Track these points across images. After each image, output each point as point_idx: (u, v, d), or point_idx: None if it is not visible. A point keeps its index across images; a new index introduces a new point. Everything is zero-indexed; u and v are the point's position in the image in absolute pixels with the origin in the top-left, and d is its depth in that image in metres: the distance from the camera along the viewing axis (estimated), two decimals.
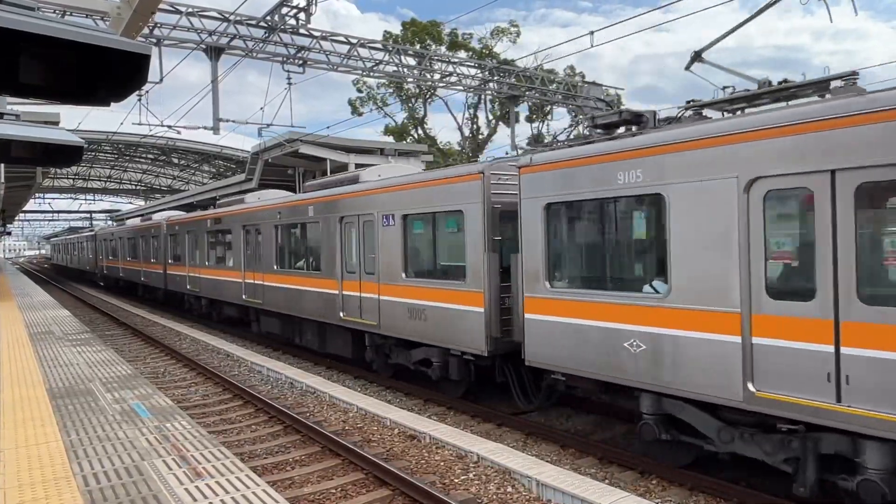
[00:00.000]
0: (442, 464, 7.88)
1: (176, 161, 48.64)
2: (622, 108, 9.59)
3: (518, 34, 42.52)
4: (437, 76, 25.17)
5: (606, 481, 7.32)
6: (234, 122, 20.42)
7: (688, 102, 7.64)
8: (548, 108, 41.12)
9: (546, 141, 12.10)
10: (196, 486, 5.21)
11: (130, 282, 32.32)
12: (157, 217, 28.81)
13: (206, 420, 10.39)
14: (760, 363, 6.18)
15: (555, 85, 29.10)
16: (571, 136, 9.86)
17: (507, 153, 30.40)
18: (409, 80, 27.56)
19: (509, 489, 7.01)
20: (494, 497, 6.87)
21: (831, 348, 5.69)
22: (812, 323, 5.82)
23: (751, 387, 6.24)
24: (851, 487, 5.78)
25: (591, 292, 7.98)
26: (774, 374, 6.09)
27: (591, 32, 17.39)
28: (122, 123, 22.51)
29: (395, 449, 8.55)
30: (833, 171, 5.62)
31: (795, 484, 6.19)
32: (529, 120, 43.00)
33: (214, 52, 18.38)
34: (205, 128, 19.96)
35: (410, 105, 44.06)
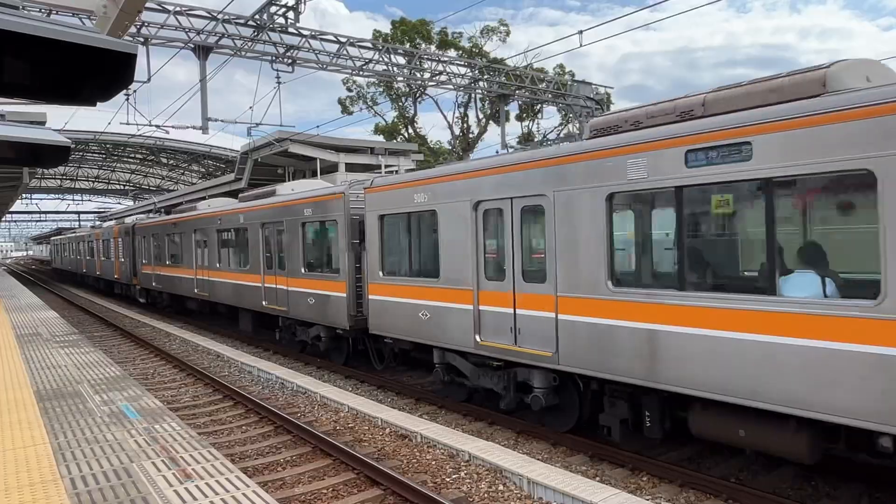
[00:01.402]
0: (433, 463, 7.88)
1: (165, 161, 48.31)
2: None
3: (508, 33, 42.51)
4: (426, 75, 25.14)
5: (597, 478, 7.35)
6: (222, 121, 20.31)
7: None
8: (538, 107, 41.19)
9: (536, 139, 12.77)
10: (185, 488, 5.18)
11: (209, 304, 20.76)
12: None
13: (196, 421, 10.33)
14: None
15: (544, 84, 29.14)
16: (562, 135, 10.38)
17: (497, 152, 30.43)
18: (399, 79, 27.51)
19: (500, 487, 7.02)
20: (486, 495, 6.88)
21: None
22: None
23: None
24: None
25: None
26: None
27: (580, 32, 17.48)
28: (109, 123, 22.36)
29: (386, 448, 8.54)
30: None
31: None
32: (519, 119, 43.05)
33: (203, 52, 18.26)
34: (193, 127, 19.82)
35: (400, 104, 43.99)
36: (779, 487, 6.98)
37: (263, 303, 16.26)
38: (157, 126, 20.85)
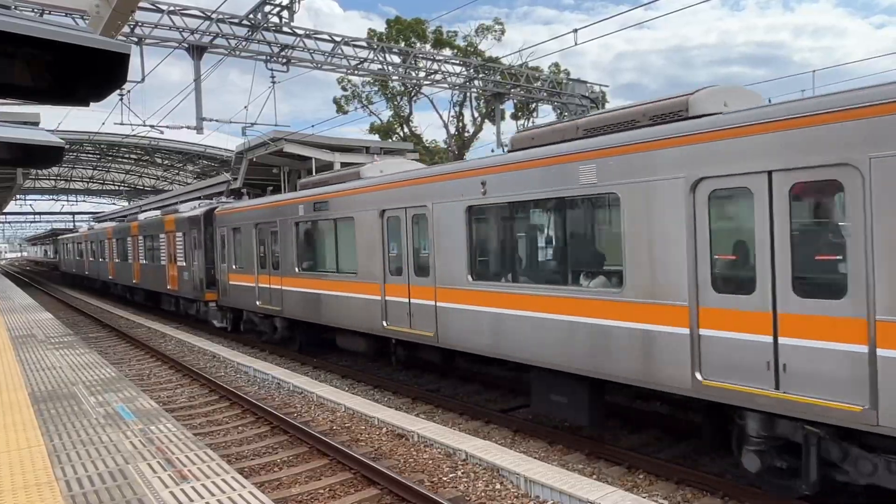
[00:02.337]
0: (430, 462, 7.88)
1: (159, 161, 48.17)
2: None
3: (503, 32, 42.54)
4: (422, 74, 25.12)
5: (594, 476, 7.36)
6: (217, 121, 20.24)
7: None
8: (533, 106, 41.20)
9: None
10: (181, 489, 5.17)
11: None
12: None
13: (193, 422, 10.30)
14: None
15: (539, 82, 29.14)
16: None
17: (492, 150, 30.42)
18: (394, 77, 27.48)
19: (498, 486, 7.02)
20: (483, 494, 6.88)
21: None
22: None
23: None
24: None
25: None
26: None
27: (575, 30, 17.47)
28: (103, 123, 22.28)
29: (383, 448, 8.54)
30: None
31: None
32: (515, 117, 43.04)
33: (197, 51, 18.20)
34: (188, 127, 19.77)
35: (396, 103, 43.94)
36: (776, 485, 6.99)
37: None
38: (152, 126, 20.79)
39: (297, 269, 14.32)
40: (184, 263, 20.66)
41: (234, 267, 17.38)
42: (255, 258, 16.22)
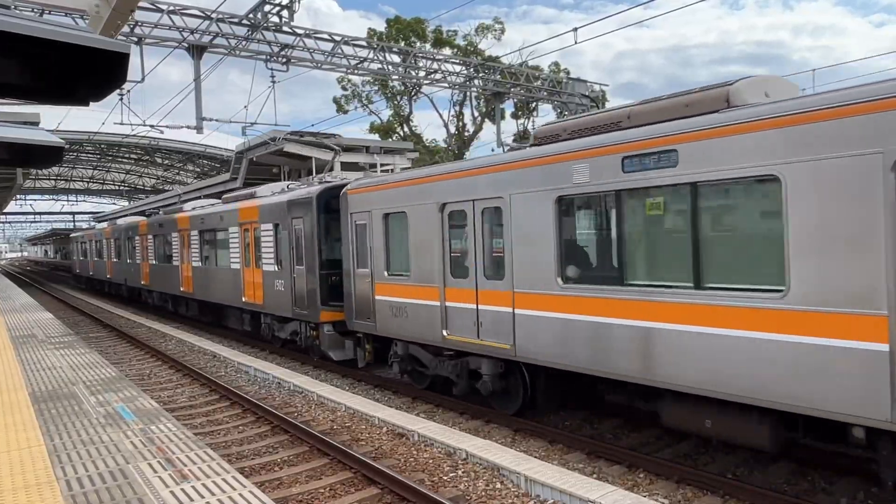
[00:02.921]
0: (430, 462, 7.88)
1: (160, 161, 48.18)
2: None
3: (503, 31, 42.57)
4: (422, 73, 25.11)
5: (594, 476, 7.36)
6: (217, 120, 20.26)
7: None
8: (533, 105, 41.19)
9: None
10: (182, 489, 5.16)
11: None
12: None
13: (193, 422, 10.31)
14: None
15: (539, 81, 29.13)
16: None
17: (493, 150, 30.41)
18: (394, 77, 27.47)
19: (498, 486, 7.02)
20: (483, 494, 6.88)
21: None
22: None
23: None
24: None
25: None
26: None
27: (575, 29, 17.49)
28: (103, 123, 22.32)
29: (383, 447, 8.54)
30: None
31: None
32: (515, 116, 43.06)
33: (197, 51, 18.21)
34: (188, 127, 19.80)
35: (396, 102, 43.94)
36: (775, 483, 7.00)
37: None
38: (152, 126, 20.81)
39: (565, 281, 8.19)
40: (274, 267, 14.97)
41: (384, 274, 11.36)
42: (443, 259, 10.06)
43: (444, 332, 10.03)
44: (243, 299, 16.76)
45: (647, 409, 8.34)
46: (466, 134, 43.79)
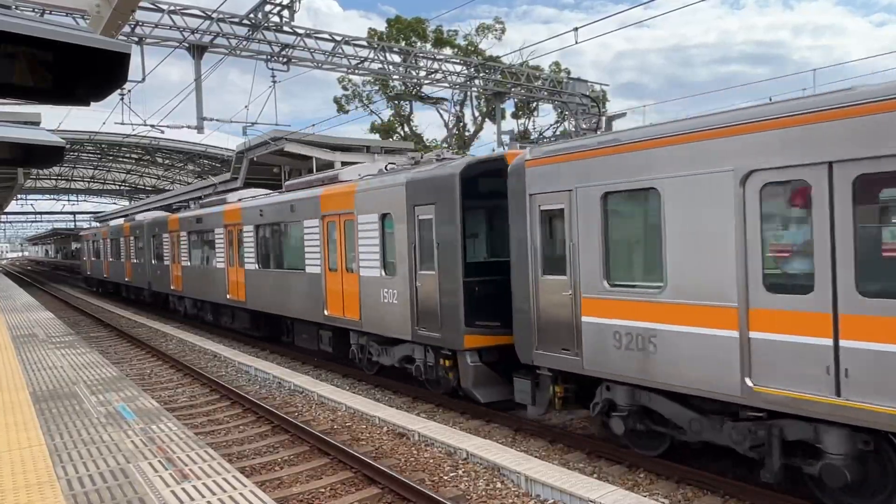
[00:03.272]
0: (431, 461, 7.89)
1: (160, 161, 48.21)
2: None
3: (503, 31, 42.52)
4: (422, 73, 25.12)
5: (595, 475, 7.36)
6: (218, 120, 20.26)
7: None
8: (534, 105, 41.19)
9: (532, 137, 12.85)
10: (182, 488, 5.17)
11: None
12: None
13: (194, 421, 10.32)
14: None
15: (540, 81, 29.13)
16: (558, 133, 9.93)
17: (493, 150, 30.37)
18: (395, 77, 27.47)
19: (498, 485, 7.03)
20: (483, 493, 6.89)
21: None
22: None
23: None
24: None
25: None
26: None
27: (576, 29, 17.45)
28: (104, 123, 22.31)
29: (383, 447, 8.55)
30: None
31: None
32: (515, 116, 43.02)
33: (197, 51, 18.21)
34: (188, 126, 19.79)
35: (396, 102, 43.94)
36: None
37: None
38: (152, 126, 20.81)
39: None
40: (379, 272, 11.69)
41: (601, 284, 7.73)
42: (745, 263, 6.38)
43: (747, 381, 6.26)
44: (326, 313, 13.40)
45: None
46: (467, 134, 43.80)
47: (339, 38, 21.19)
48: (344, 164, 25.16)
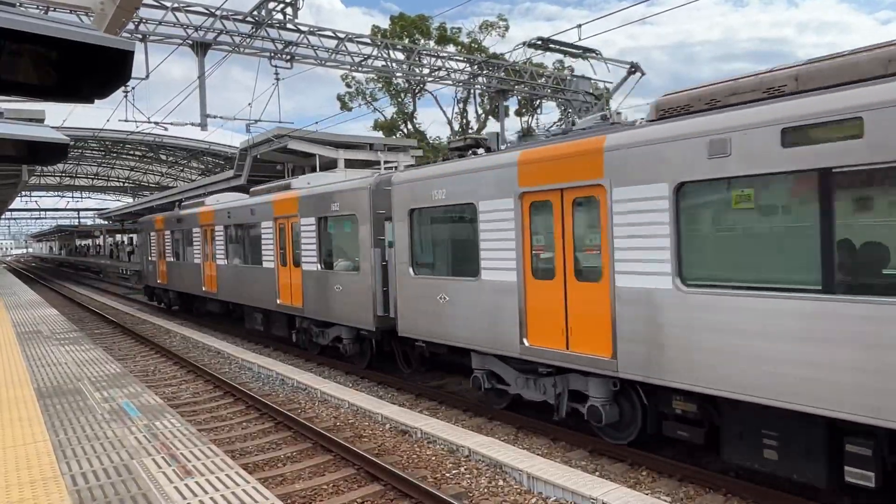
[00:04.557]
0: (433, 458, 7.90)
1: (164, 158, 48.25)
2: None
3: (506, 28, 42.44)
4: (425, 70, 25.10)
5: (597, 473, 7.37)
6: (221, 117, 20.28)
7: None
8: (537, 102, 41.14)
9: (535, 134, 12.46)
10: (185, 485, 5.19)
11: None
12: None
13: (197, 418, 10.35)
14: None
15: (543, 79, 29.08)
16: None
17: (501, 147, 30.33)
18: (398, 74, 27.45)
19: (500, 482, 7.04)
20: (486, 490, 6.90)
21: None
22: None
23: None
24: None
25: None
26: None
27: (579, 25, 17.46)
28: (108, 120, 22.37)
29: (386, 444, 8.56)
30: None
31: None
32: (519, 114, 43.00)
33: (201, 48, 18.22)
34: (192, 124, 19.79)
35: (399, 100, 43.92)
36: (776, 481, 6.99)
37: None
38: (156, 123, 20.84)
39: None
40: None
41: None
42: None
43: (525, 341, 8.45)
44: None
45: None
46: (470, 131, 43.77)
47: (342, 36, 21.18)
48: (347, 161, 25.17)
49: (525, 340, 8.32)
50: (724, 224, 6.68)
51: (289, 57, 19.98)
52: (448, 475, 7.38)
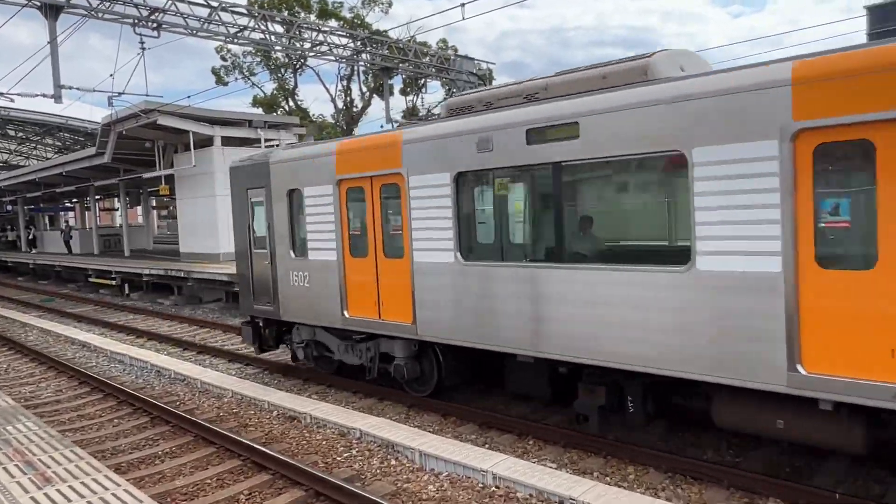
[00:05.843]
0: (324, 443, 7.74)
1: (12, 133, 43.46)
2: None
3: (390, 4, 41.79)
4: (307, 45, 24.20)
5: (486, 446, 7.53)
6: (79, 89, 18.44)
7: None
8: (422, 81, 41.04)
9: (421, 114, 12.30)
10: (45, 493, 4.71)
11: None
12: None
13: (59, 418, 9.47)
14: None
15: (428, 58, 29.00)
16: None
17: (381, 126, 30.03)
18: (277, 48, 26.29)
19: (393, 462, 7.02)
20: (378, 471, 6.85)
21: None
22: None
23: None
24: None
25: None
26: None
27: (462, 5, 17.39)
28: None
29: (274, 432, 8.28)
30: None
31: None
32: (404, 93, 42.67)
33: (51, 11, 16.41)
34: (44, 95, 17.87)
35: (280, 75, 42.16)
36: (654, 444, 7.46)
37: None
38: (1, 94, 18.64)
39: None
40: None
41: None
42: None
43: (346, 313, 9.57)
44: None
45: None
46: (355, 109, 42.95)
47: (215, 4, 19.88)
48: (224, 138, 23.89)
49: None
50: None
51: (155, 25, 18.45)
52: (340, 459, 7.25)
